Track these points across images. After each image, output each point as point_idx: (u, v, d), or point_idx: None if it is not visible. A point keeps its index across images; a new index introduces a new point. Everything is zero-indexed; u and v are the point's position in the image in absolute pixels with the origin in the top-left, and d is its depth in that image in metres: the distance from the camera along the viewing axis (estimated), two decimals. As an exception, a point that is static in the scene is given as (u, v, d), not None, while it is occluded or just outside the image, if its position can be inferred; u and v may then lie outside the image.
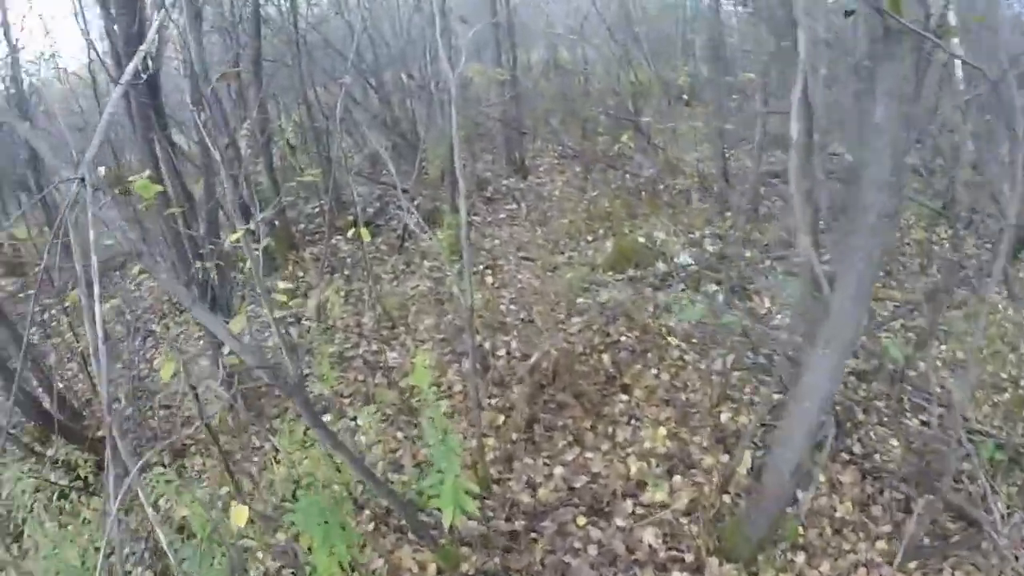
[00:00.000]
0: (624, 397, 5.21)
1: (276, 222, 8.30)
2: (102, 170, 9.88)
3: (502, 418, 4.92)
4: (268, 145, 8.59)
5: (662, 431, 4.77)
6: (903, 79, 2.44)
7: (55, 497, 3.99)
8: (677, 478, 4.50)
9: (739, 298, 6.90)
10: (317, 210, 9.47)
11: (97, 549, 3.12)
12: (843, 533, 4.26)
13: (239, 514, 2.99)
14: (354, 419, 5.14)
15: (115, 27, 4.88)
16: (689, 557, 3.97)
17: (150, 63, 4.87)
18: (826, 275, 2.85)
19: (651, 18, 14.90)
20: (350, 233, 5.93)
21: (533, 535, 4.14)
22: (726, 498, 4.33)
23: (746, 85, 10.09)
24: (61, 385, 5.91)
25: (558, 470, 4.58)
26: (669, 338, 5.88)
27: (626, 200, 9.15)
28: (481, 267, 7.38)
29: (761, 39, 8.67)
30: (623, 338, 5.84)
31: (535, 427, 4.87)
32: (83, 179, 1.88)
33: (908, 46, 2.41)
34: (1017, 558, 4.01)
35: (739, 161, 10.29)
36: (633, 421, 5.00)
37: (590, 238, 8.30)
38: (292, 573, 3.89)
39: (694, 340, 5.94)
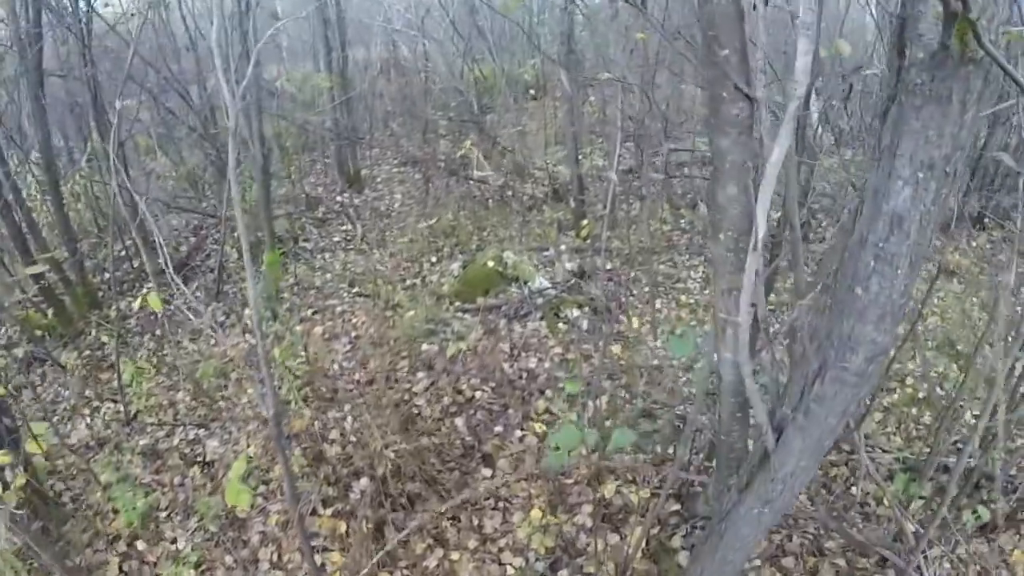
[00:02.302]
0: (487, 472, 4.34)
1: (71, 274, 6.96)
2: None
3: (344, 525, 3.95)
4: (56, 178, 7.12)
5: (537, 514, 3.94)
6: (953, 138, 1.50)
7: None
8: (563, 573, 3.71)
9: (604, 321, 6.21)
10: (125, 252, 8.03)
11: None
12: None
13: None
14: (173, 542, 4.11)
15: None
16: None
17: None
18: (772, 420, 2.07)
19: (495, 10, 14.14)
20: (137, 303, 4.71)
21: None
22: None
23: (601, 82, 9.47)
24: None
25: (421, 583, 3.70)
26: (532, 386, 5.09)
27: (472, 211, 8.34)
28: (309, 312, 6.34)
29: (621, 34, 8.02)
30: (478, 393, 4.98)
31: (385, 531, 3.93)
32: None
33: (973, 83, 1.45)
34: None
35: (593, 161, 9.63)
36: (501, 504, 4.13)
37: (434, 259, 7.43)
38: None
39: (561, 386, 5.18)
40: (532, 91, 13.06)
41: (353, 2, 13.61)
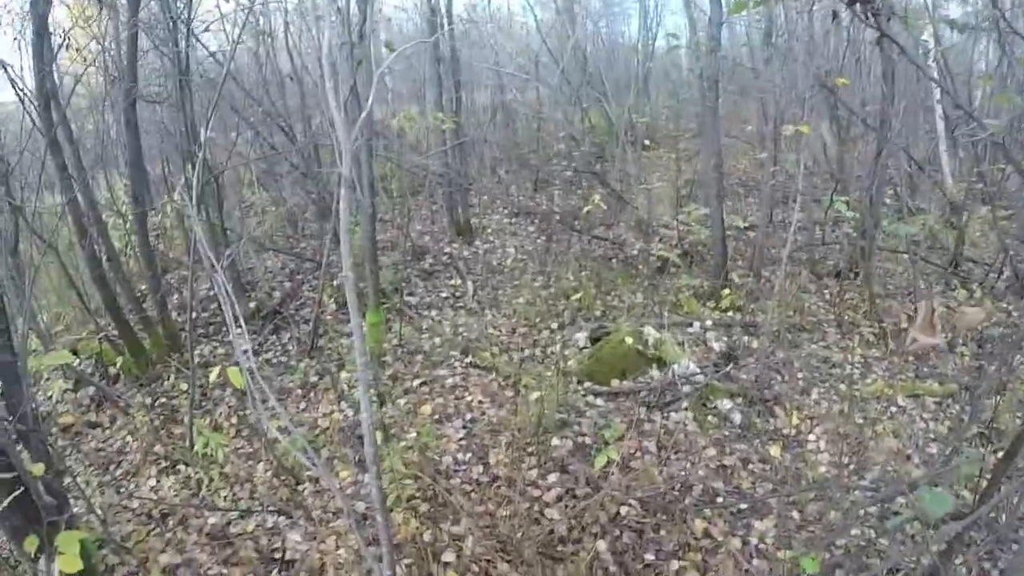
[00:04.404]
0: (640, 617, 3.37)
1: (152, 314, 6.36)
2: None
3: None
4: (144, 213, 6.52)
5: None
6: None
7: None
8: None
9: (759, 415, 5.19)
10: (214, 292, 7.31)
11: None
12: None
13: None
14: None
15: None
16: None
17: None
18: None
19: (604, 57, 13.53)
20: (214, 375, 3.81)
21: None
22: None
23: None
24: None
25: None
26: (686, 500, 4.09)
27: (594, 272, 7.43)
28: (416, 383, 5.49)
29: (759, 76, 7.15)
30: (623, 508, 3.99)
31: None
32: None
33: None
34: None
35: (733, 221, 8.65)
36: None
37: (554, 325, 6.52)
38: None
39: (719, 499, 4.18)
40: (647, 141, 12.23)
41: (463, 44, 13.14)
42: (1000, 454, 3.50)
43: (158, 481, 4.77)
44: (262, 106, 7.99)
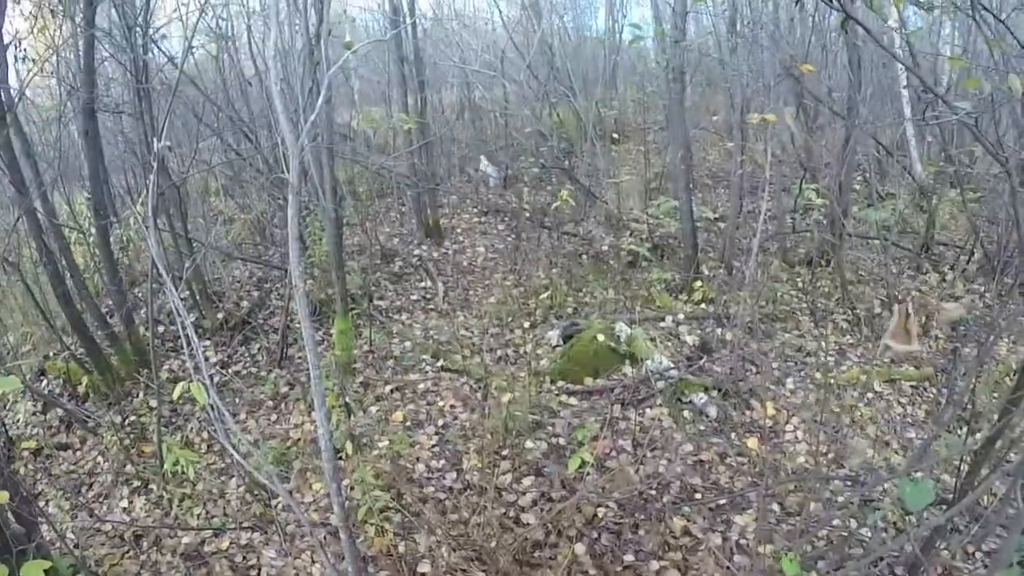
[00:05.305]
0: (620, 619, 3.33)
1: (119, 330, 6.21)
2: None
3: None
4: (105, 226, 6.34)
5: None
6: None
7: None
8: None
9: (735, 407, 5.17)
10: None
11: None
12: None
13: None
14: None
15: None
16: None
17: None
18: None
19: (571, 52, 13.45)
20: (176, 392, 3.65)
21: None
22: None
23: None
24: None
25: None
26: (664, 498, 4.06)
27: (566, 269, 7.39)
28: (387, 389, 5.42)
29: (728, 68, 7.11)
30: (600, 509, 3.96)
31: None
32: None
33: None
34: None
35: (704, 213, 8.63)
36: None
37: (526, 324, 6.47)
38: None
39: (697, 495, 4.15)
40: (615, 135, 12.19)
41: (426, 43, 13.03)
42: (978, 436, 3.49)
43: (130, 502, 4.68)
44: (224, 111, 7.86)
